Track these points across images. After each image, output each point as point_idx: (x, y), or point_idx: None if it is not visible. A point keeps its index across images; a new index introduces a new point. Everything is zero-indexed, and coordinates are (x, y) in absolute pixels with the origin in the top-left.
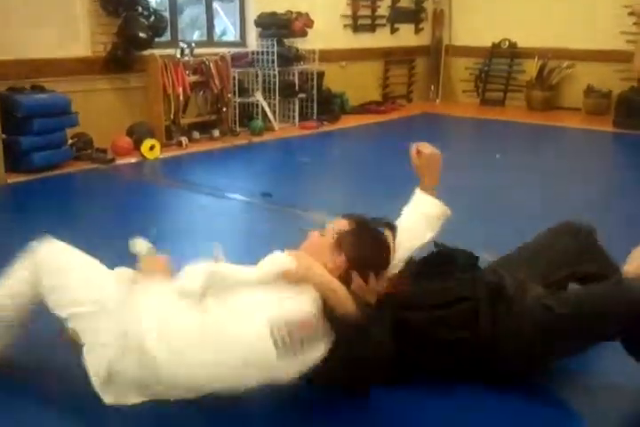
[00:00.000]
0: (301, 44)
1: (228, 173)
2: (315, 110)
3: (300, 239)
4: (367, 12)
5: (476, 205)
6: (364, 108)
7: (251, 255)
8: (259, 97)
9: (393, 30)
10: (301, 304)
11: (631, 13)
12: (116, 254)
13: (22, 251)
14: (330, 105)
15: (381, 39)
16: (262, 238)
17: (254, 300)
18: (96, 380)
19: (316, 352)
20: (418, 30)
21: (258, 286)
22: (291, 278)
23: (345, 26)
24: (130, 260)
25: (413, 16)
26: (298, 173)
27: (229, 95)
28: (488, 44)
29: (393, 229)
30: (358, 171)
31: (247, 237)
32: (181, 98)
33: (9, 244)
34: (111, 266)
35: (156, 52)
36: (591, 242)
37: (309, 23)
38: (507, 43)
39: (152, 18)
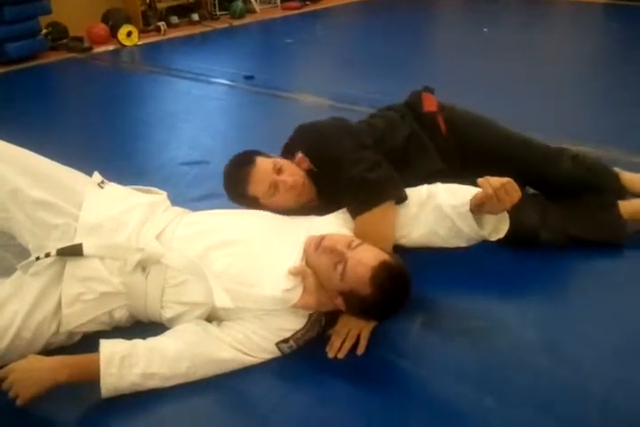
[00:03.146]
0: None
1: (209, 58)
2: None
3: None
4: None
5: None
6: None
7: (236, 138)
8: None
9: None
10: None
11: None
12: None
13: None
14: None
15: None
16: (247, 121)
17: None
18: None
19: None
20: None
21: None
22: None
23: None
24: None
25: None
26: (281, 55)
27: None
28: None
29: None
30: (343, 51)
31: (233, 120)
32: None
33: None
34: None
35: None
36: None
37: None
38: None
39: None
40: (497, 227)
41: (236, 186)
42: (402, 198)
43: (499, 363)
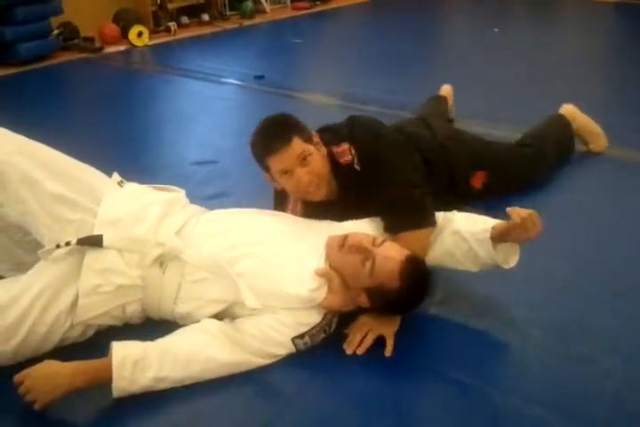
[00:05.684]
0: None
1: (219, 58)
2: None
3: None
4: None
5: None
6: None
7: (247, 137)
8: None
9: None
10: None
11: None
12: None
13: None
14: None
15: None
16: (257, 121)
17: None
18: None
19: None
20: None
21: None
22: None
23: None
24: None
25: None
26: (291, 55)
27: None
28: None
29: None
30: (353, 51)
31: (243, 119)
32: None
33: None
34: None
35: None
36: None
37: None
38: None
39: None
40: (507, 257)
41: (260, 150)
42: (435, 225)
43: (508, 359)
